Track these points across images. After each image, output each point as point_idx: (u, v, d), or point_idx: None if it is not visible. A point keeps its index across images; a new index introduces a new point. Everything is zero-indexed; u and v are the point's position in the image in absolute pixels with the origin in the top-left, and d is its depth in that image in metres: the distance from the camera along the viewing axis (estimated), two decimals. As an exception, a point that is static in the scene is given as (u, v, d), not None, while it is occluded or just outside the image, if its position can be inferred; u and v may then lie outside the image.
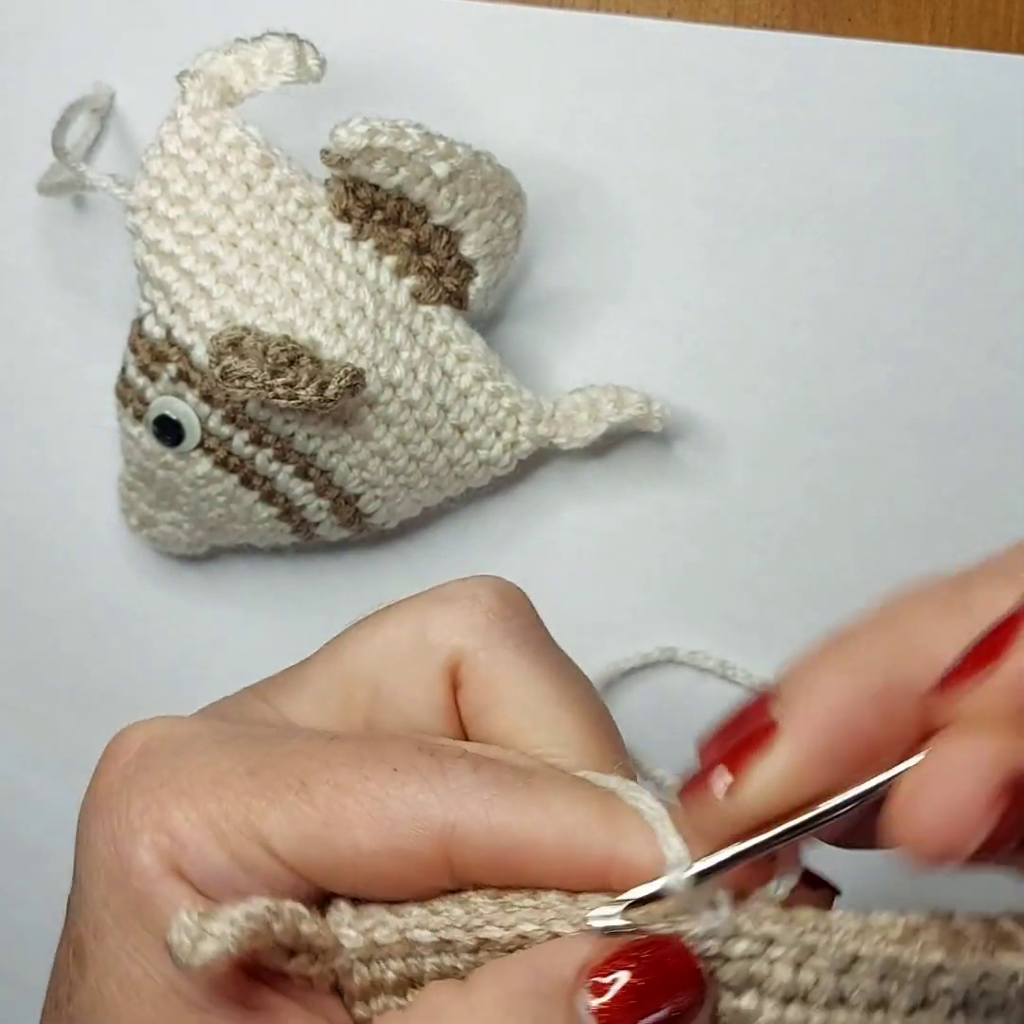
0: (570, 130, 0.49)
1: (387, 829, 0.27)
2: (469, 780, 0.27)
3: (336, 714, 0.30)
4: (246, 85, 0.43)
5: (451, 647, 0.30)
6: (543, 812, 0.27)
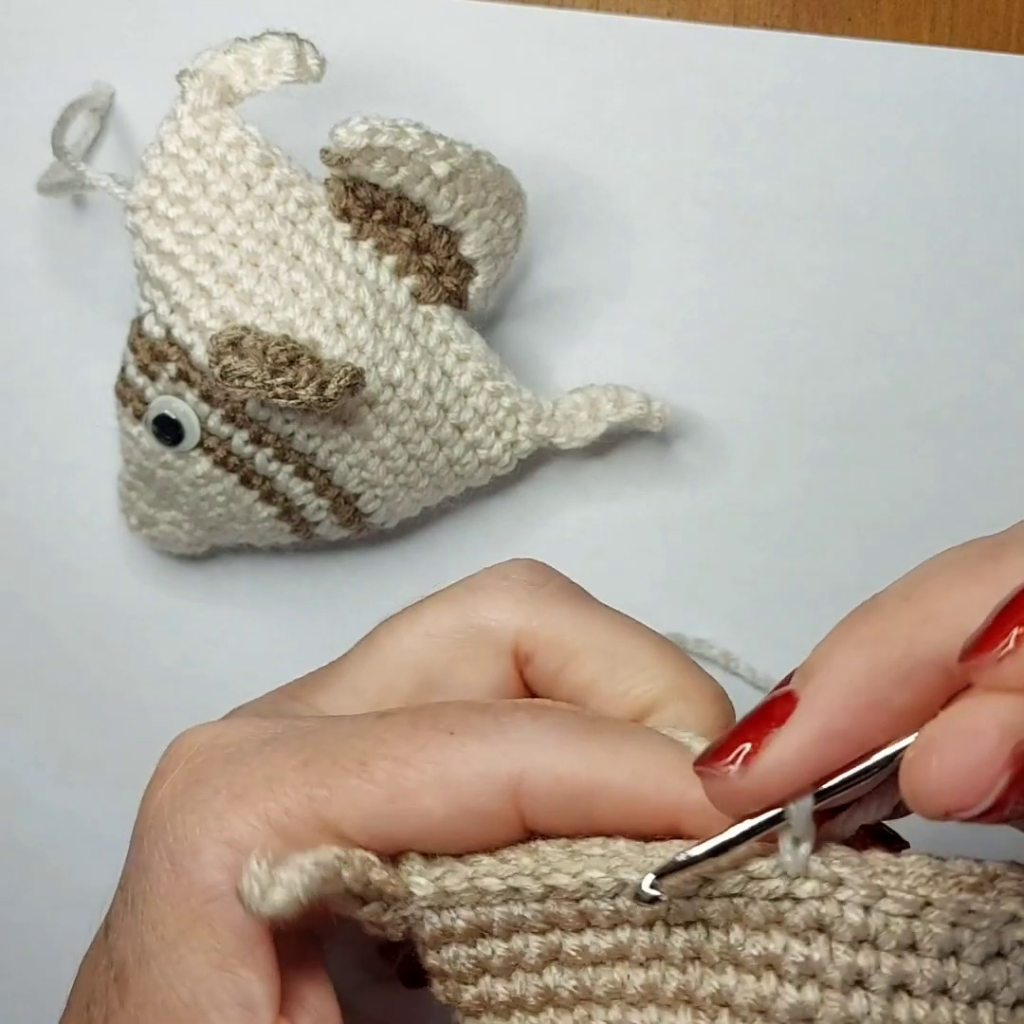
0: (570, 129, 0.49)
1: (455, 791, 0.27)
2: (531, 730, 0.27)
3: (376, 704, 0.30)
4: (246, 84, 0.43)
5: (502, 626, 0.30)
6: (611, 756, 0.27)
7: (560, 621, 0.30)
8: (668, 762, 0.27)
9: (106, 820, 0.32)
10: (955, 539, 0.48)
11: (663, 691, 0.29)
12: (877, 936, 0.25)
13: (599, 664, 0.30)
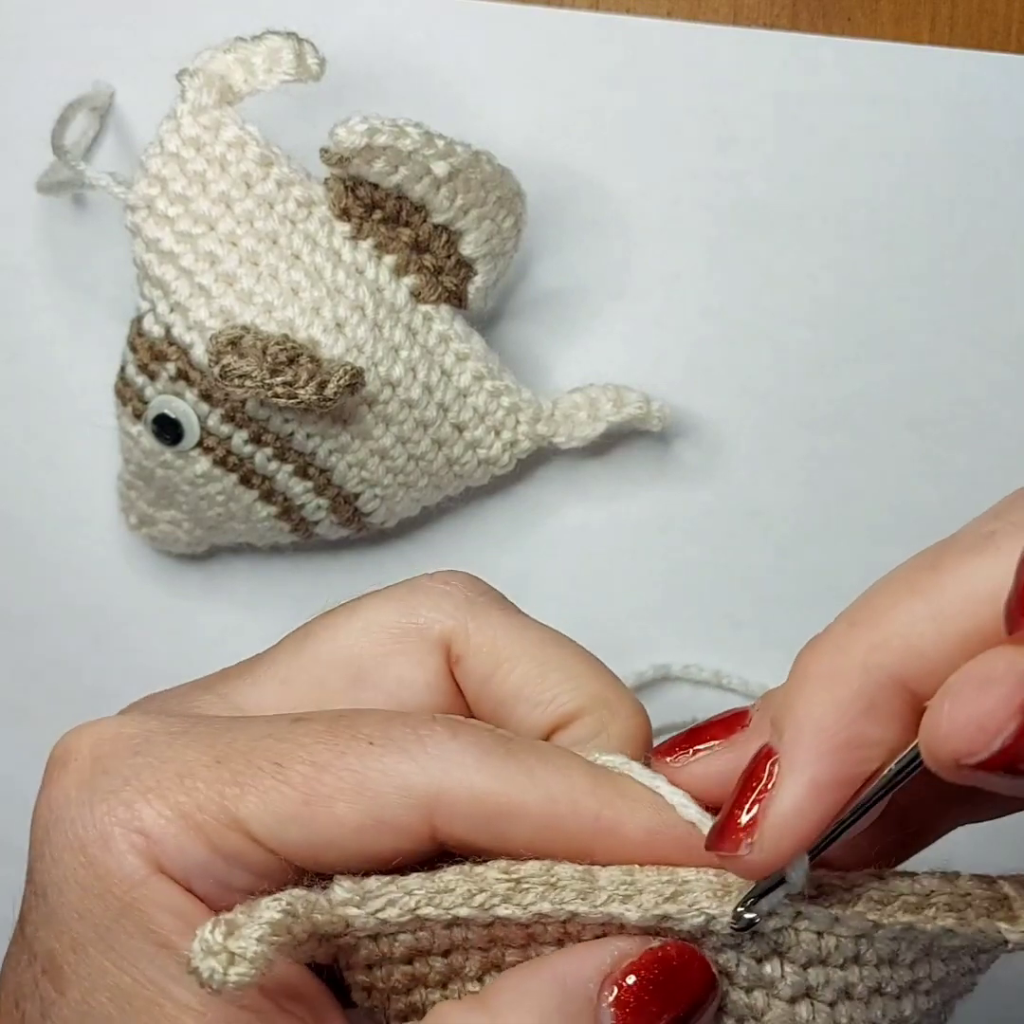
0: (569, 129, 0.49)
1: (370, 801, 0.27)
2: (450, 747, 0.27)
3: (306, 696, 0.30)
4: (245, 84, 0.43)
5: (440, 625, 0.30)
6: (528, 778, 0.27)
7: (493, 628, 0.30)
8: (583, 785, 0.27)
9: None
10: (954, 539, 0.48)
11: (587, 700, 0.30)
12: (827, 956, 0.26)
13: (527, 671, 0.30)
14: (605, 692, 0.30)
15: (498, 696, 0.30)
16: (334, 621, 0.31)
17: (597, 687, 0.30)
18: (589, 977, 0.26)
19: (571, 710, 0.30)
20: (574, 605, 0.49)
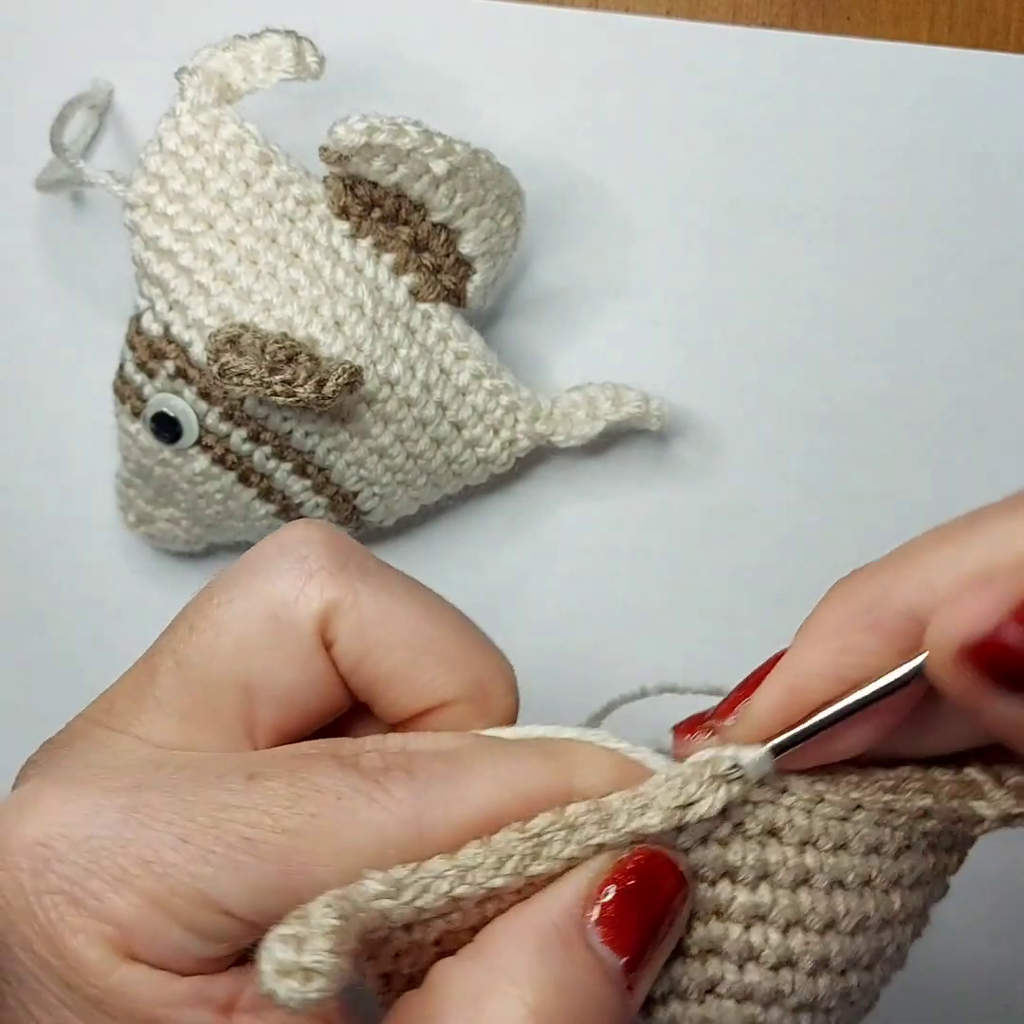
0: (569, 128, 0.49)
1: (352, 862, 0.26)
2: (413, 788, 0.27)
3: (210, 729, 0.29)
4: (245, 82, 0.43)
5: (310, 614, 0.29)
6: (492, 783, 0.27)
7: (360, 608, 0.29)
8: (539, 763, 0.28)
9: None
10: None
11: (460, 687, 0.30)
12: (818, 839, 0.28)
13: (398, 657, 0.29)
14: (479, 675, 0.30)
15: (370, 678, 0.30)
16: (204, 639, 0.30)
17: (470, 672, 0.30)
18: (572, 903, 0.27)
19: (443, 696, 0.30)
20: (572, 603, 0.49)
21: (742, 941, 0.28)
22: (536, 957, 0.26)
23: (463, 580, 0.49)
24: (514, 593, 0.49)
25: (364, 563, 0.30)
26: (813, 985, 0.28)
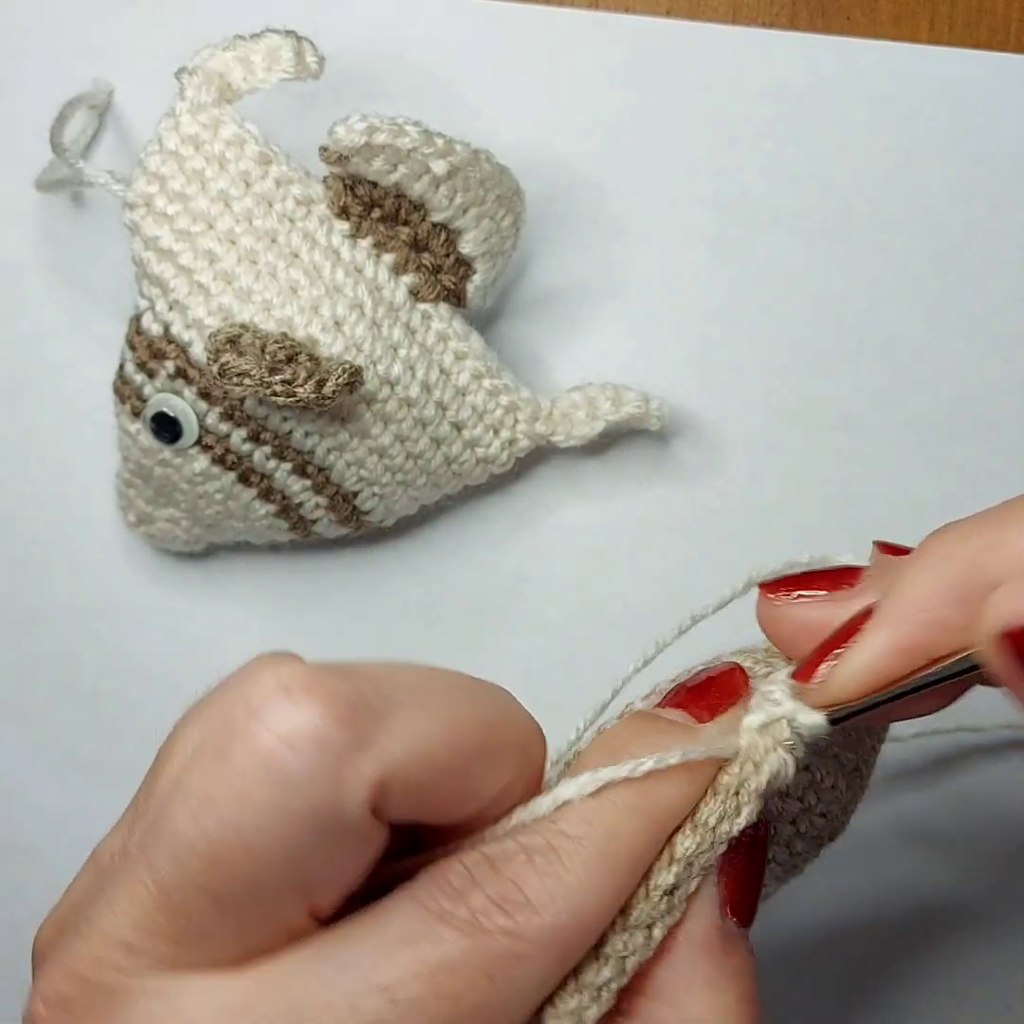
0: (569, 128, 0.49)
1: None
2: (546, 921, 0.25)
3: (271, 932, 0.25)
4: (245, 82, 0.43)
5: (358, 805, 0.24)
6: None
7: (401, 763, 0.25)
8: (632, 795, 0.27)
9: (103, 818, 0.32)
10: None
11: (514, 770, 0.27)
12: None
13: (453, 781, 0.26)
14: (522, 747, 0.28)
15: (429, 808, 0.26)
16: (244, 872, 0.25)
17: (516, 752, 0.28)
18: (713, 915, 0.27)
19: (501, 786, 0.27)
20: (572, 604, 0.49)
21: None
22: (709, 986, 0.27)
23: (463, 580, 0.49)
24: (514, 593, 0.49)
25: (371, 704, 0.25)
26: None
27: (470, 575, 0.49)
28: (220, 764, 0.24)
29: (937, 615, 0.26)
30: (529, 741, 0.28)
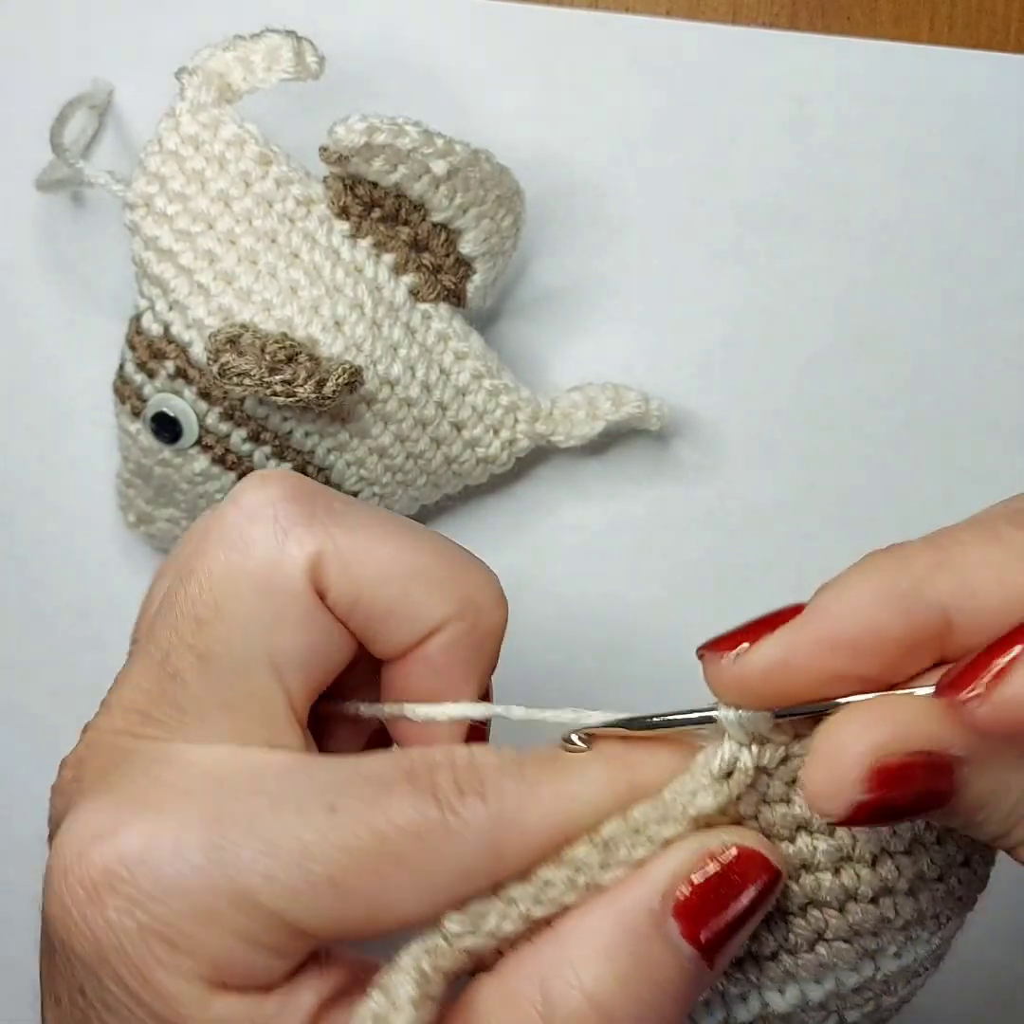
0: (569, 128, 0.49)
1: (434, 897, 0.27)
2: (490, 814, 0.27)
3: (254, 714, 0.29)
4: (245, 82, 0.43)
5: (300, 573, 0.29)
6: (562, 799, 0.28)
7: (342, 552, 0.29)
8: (607, 775, 0.28)
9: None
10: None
11: (453, 606, 0.30)
12: None
13: (387, 590, 0.30)
14: (468, 591, 0.31)
15: (366, 618, 0.30)
16: (219, 631, 0.30)
17: (457, 590, 0.30)
18: (647, 897, 0.27)
19: (439, 619, 0.30)
20: (573, 604, 0.49)
21: (836, 885, 0.28)
22: (603, 951, 0.26)
23: (463, 580, 0.49)
24: (514, 593, 0.49)
25: (331, 505, 0.30)
26: (915, 902, 0.29)
27: (470, 575, 0.49)
28: (201, 540, 0.30)
29: (876, 622, 0.25)
30: (479, 595, 0.31)
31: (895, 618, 0.25)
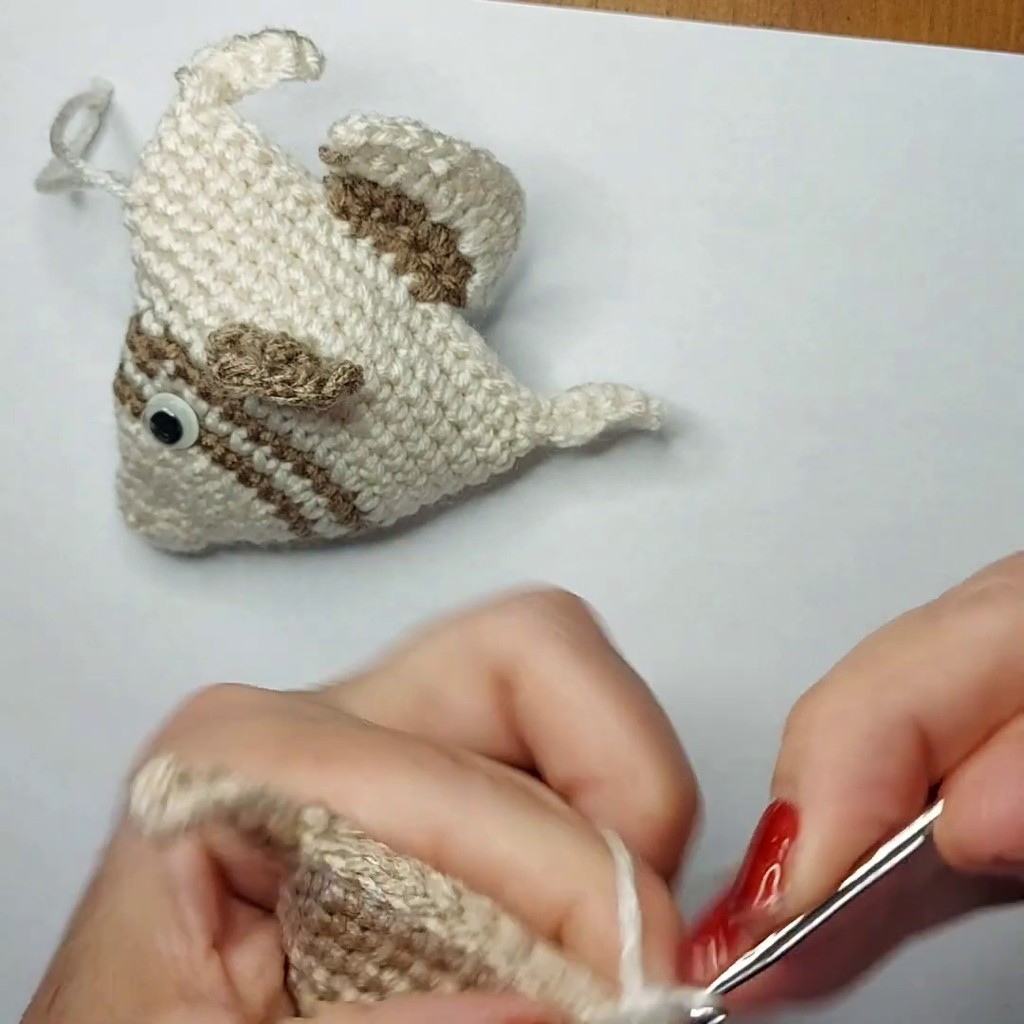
0: (569, 128, 0.49)
1: (388, 812, 0.27)
2: (484, 791, 0.27)
3: (398, 723, 0.30)
4: (245, 82, 0.43)
5: (500, 650, 0.29)
6: (536, 847, 0.26)
7: (552, 666, 0.29)
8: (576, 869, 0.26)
9: (102, 817, 0.32)
10: (953, 539, 0.49)
11: (613, 768, 0.28)
12: None
13: (572, 722, 0.28)
14: (636, 760, 0.28)
15: (542, 734, 0.29)
16: (419, 643, 0.31)
17: (629, 756, 0.28)
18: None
19: (594, 775, 0.28)
20: (572, 604, 0.49)
21: None
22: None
23: (463, 580, 0.49)
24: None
25: (585, 632, 0.31)
26: None
27: (470, 574, 0.49)
28: None
29: (869, 774, 0.24)
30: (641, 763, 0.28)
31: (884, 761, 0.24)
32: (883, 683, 0.24)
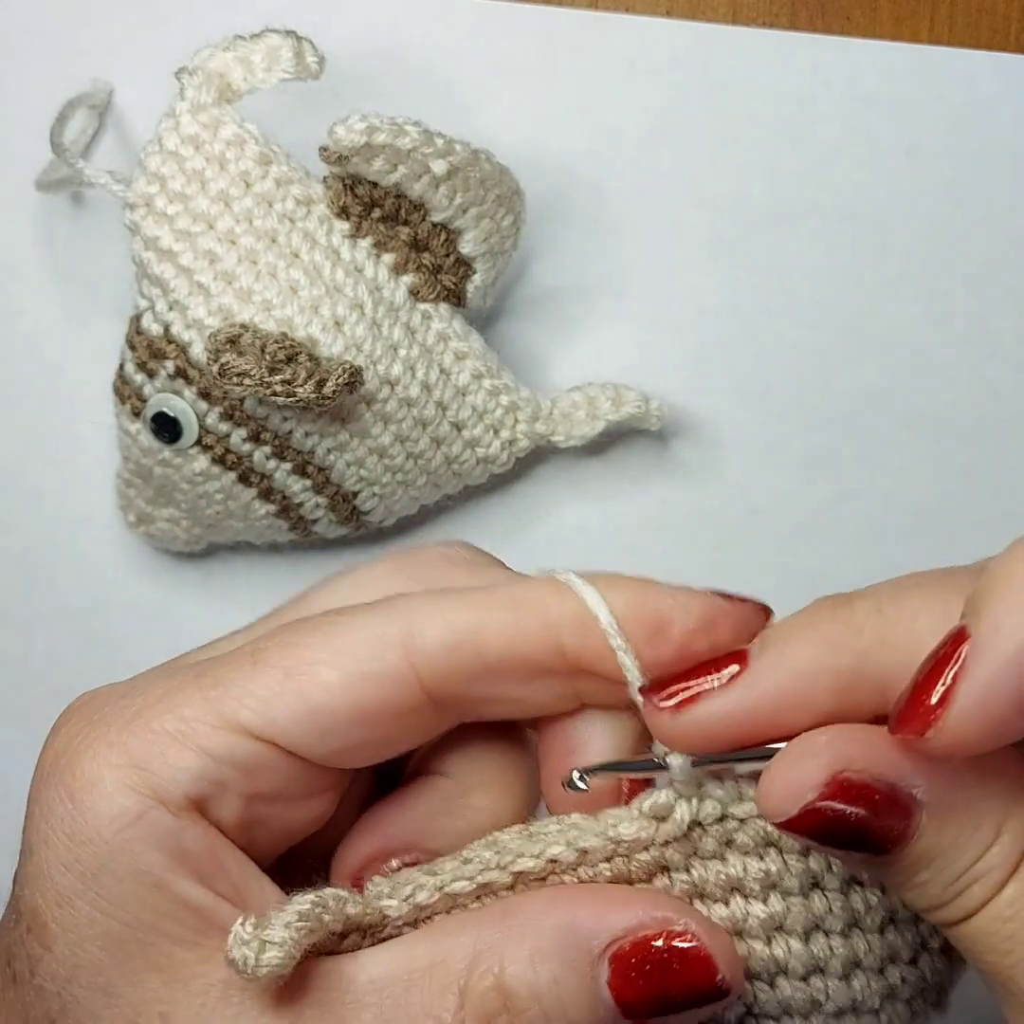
0: (568, 128, 0.49)
1: (349, 657, 0.27)
2: (416, 595, 0.28)
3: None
4: (245, 82, 0.43)
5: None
6: (488, 593, 0.28)
7: None
8: (543, 587, 0.28)
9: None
10: (951, 537, 0.49)
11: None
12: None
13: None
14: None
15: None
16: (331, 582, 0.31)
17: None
18: (598, 933, 0.26)
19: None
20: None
21: (767, 956, 0.27)
22: (535, 954, 0.26)
23: (463, 580, 0.49)
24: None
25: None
26: (848, 988, 0.27)
27: (470, 575, 0.49)
28: None
29: (808, 694, 0.25)
30: None
31: (831, 698, 0.25)
32: (885, 639, 0.25)
